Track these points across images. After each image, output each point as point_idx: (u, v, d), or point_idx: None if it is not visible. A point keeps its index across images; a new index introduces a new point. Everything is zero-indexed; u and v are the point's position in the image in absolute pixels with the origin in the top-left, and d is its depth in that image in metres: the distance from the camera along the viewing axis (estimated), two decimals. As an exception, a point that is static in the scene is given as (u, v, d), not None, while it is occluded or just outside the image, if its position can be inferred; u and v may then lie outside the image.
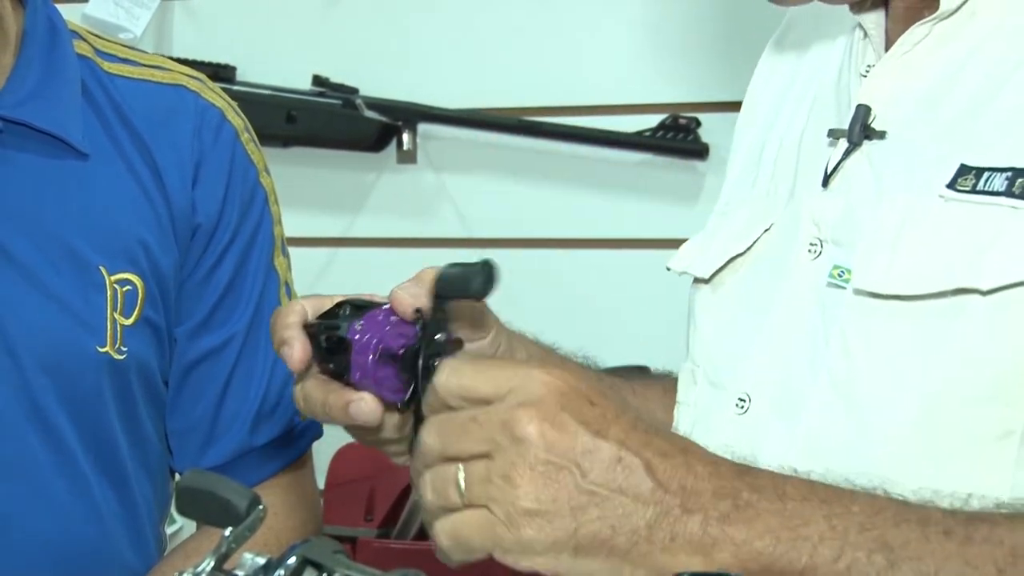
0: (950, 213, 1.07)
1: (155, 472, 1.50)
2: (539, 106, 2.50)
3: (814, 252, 1.16)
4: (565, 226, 2.50)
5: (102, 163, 1.43)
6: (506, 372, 0.93)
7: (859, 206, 1.14)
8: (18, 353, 1.37)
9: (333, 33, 2.55)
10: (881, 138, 1.15)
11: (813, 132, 1.23)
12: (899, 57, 1.17)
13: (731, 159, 1.37)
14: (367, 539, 2.34)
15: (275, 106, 2.48)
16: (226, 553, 0.91)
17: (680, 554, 0.90)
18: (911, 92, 1.15)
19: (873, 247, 1.10)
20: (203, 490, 0.93)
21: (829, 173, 1.17)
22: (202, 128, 1.47)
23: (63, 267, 1.39)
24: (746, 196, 1.28)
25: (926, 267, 1.07)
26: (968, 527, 0.92)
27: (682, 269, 1.31)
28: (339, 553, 0.90)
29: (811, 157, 1.21)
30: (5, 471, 1.38)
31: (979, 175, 1.07)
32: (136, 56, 1.51)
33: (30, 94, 1.40)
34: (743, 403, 1.17)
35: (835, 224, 1.15)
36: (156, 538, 1.52)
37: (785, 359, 1.15)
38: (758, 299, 1.20)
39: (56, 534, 1.40)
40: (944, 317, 1.06)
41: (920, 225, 1.08)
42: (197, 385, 1.49)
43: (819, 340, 1.13)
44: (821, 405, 1.11)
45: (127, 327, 1.42)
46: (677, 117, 2.41)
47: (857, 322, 1.10)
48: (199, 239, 1.47)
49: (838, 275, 1.13)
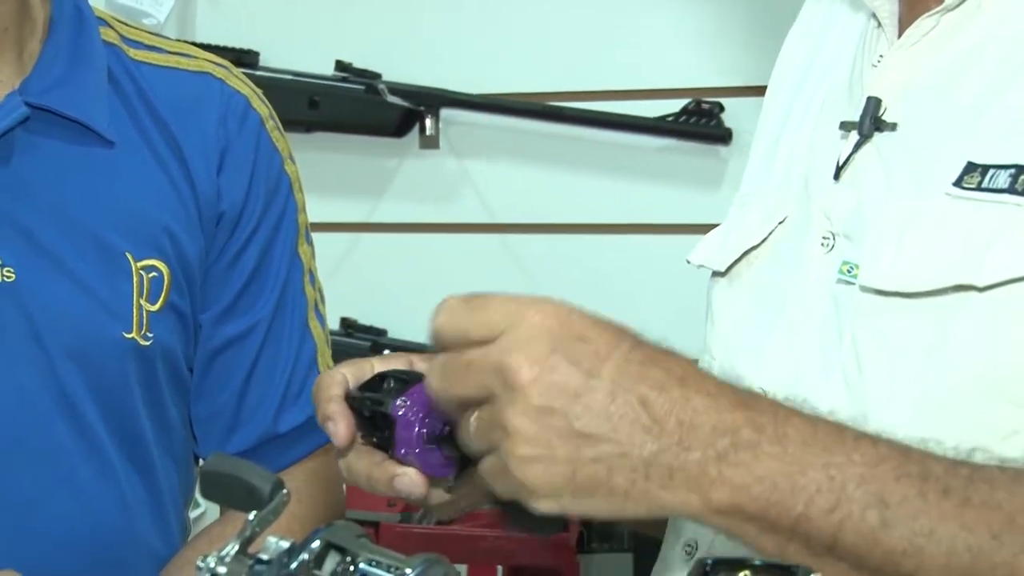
0: (956, 210, 1.07)
1: (180, 458, 1.50)
2: (561, 91, 2.50)
3: (827, 246, 1.16)
4: (587, 211, 2.50)
5: (128, 150, 1.43)
6: (498, 311, 0.91)
7: (869, 200, 1.14)
8: (44, 339, 1.38)
9: (356, 18, 2.55)
10: (892, 130, 1.14)
11: (827, 124, 1.23)
12: (907, 48, 1.16)
13: (754, 146, 1.37)
14: (390, 524, 2.35)
15: (298, 92, 2.49)
16: (250, 537, 0.91)
17: (679, 491, 0.88)
18: (919, 85, 1.15)
19: (879, 243, 1.10)
20: (227, 474, 0.93)
21: (840, 166, 1.17)
22: (227, 116, 1.48)
23: (89, 254, 1.40)
24: (763, 188, 1.28)
25: (928, 264, 1.06)
26: (968, 487, 0.90)
27: (700, 262, 1.31)
28: (362, 537, 0.91)
29: (824, 149, 1.20)
30: (31, 457, 1.38)
31: (984, 172, 1.06)
32: (162, 43, 1.52)
33: (57, 81, 1.41)
34: None
35: (846, 218, 1.15)
36: (180, 523, 1.53)
37: (799, 356, 1.15)
38: (773, 293, 1.20)
39: (82, 520, 1.40)
40: (944, 315, 1.05)
41: (925, 222, 1.08)
42: (222, 372, 1.50)
43: (832, 337, 1.13)
44: (833, 403, 1.09)
45: (153, 313, 1.42)
46: (700, 102, 2.41)
47: (864, 319, 1.10)
48: (224, 226, 1.47)
49: (847, 271, 1.13)
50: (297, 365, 1.51)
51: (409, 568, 0.87)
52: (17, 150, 1.39)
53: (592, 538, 2.40)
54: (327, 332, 1.58)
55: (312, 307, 1.54)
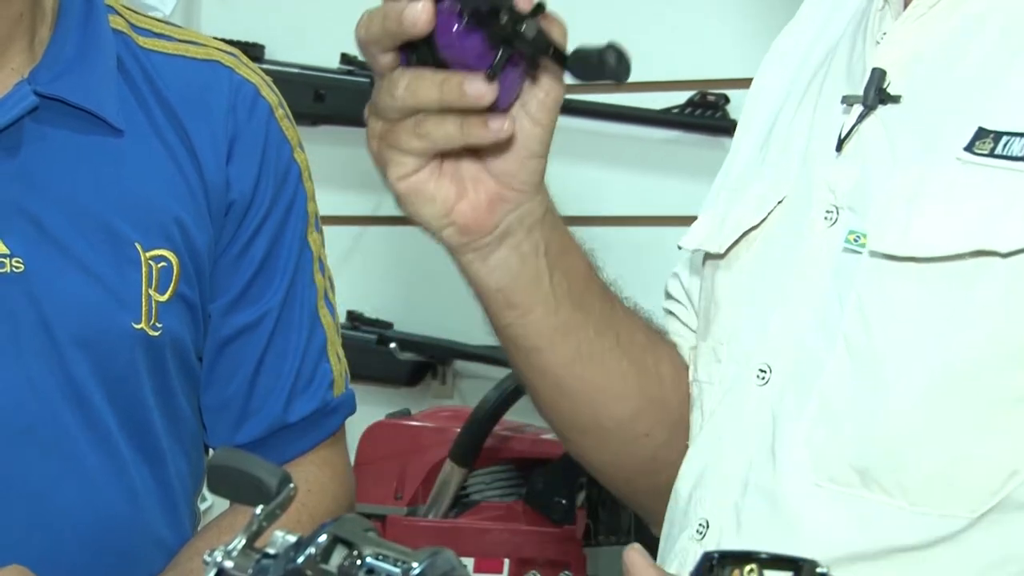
0: (967, 176, 1.07)
1: (189, 448, 1.50)
2: (566, 83, 2.50)
3: (830, 219, 1.16)
4: (593, 204, 2.50)
5: (137, 139, 1.43)
6: None
7: (874, 171, 1.14)
8: (54, 329, 1.37)
9: (362, 10, 2.54)
10: (896, 102, 1.15)
11: (826, 102, 1.23)
12: (915, 20, 1.16)
13: (738, 135, 1.37)
14: (396, 517, 2.35)
15: (303, 85, 2.49)
16: (257, 531, 0.91)
17: None
18: (926, 55, 1.15)
19: (888, 210, 1.10)
20: (234, 468, 0.93)
21: (843, 138, 1.17)
22: (237, 104, 1.47)
23: (99, 243, 1.40)
24: (758, 170, 1.28)
25: (943, 229, 1.07)
26: None
27: (695, 247, 1.31)
28: (370, 531, 0.90)
29: (824, 124, 1.21)
30: (40, 447, 1.38)
31: (997, 139, 1.07)
32: (171, 31, 1.51)
33: (66, 68, 1.40)
34: (764, 374, 1.17)
35: (850, 190, 1.15)
36: (190, 514, 1.52)
37: (800, 327, 1.15)
38: (774, 270, 1.20)
39: (90, 509, 1.40)
40: (962, 279, 1.06)
41: (937, 187, 1.08)
42: (231, 361, 1.49)
43: (833, 306, 1.13)
44: (837, 371, 1.11)
45: (162, 303, 1.42)
46: (705, 94, 2.41)
47: (873, 286, 1.10)
48: (233, 215, 1.47)
49: (853, 240, 1.13)
50: (307, 355, 1.51)
51: (415, 561, 0.87)
52: (26, 139, 1.39)
53: (598, 531, 2.40)
54: (337, 321, 1.57)
55: (322, 296, 1.54)
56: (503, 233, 1.16)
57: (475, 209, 1.15)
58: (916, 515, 1.07)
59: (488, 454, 2.37)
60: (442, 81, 1.05)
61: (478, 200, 1.14)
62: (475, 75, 1.04)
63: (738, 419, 1.18)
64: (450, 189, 1.14)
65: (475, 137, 1.08)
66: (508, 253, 1.18)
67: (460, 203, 1.14)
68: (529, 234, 1.17)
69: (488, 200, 1.15)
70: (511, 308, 1.21)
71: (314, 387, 1.52)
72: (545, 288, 1.20)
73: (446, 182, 1.13)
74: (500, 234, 1.16)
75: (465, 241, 1.16)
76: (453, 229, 1.15)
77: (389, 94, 1.07)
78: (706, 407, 1.24)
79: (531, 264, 1.19)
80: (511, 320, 1.22)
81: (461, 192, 1.14)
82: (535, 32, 1.03)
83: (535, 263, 1.19)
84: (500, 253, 1.17)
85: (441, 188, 1.13)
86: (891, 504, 1.08)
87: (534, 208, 1.17)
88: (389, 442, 2.38)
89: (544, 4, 1.05)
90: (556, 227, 1.20)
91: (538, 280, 1.20)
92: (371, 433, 2.39)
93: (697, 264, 1.34)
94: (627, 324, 1.28)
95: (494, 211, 1.15)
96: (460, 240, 1.16)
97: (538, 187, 1.16)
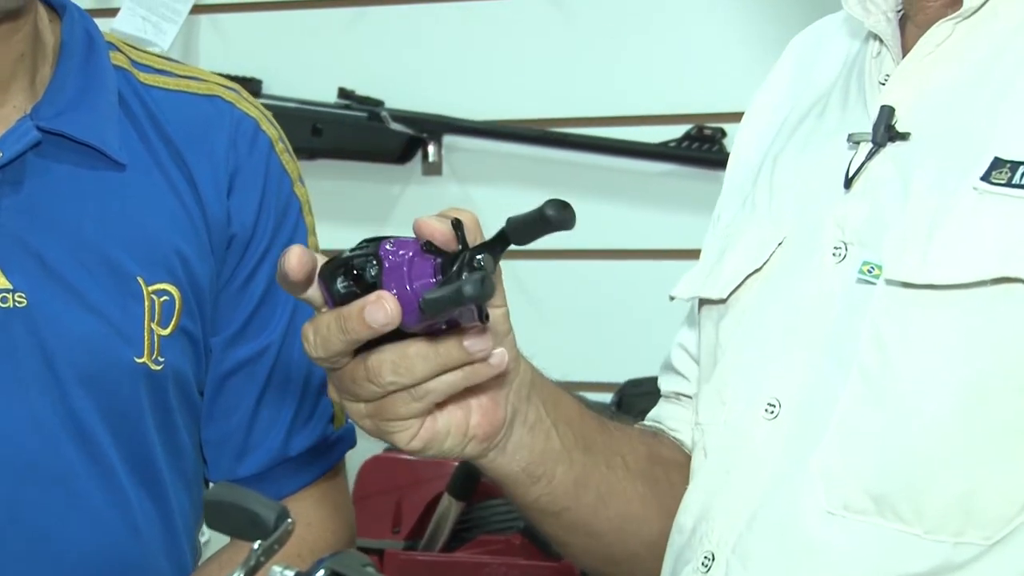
0: (986, 205, 1.08)
1: (191, 482, 1.50)
2: (563, 117, 2.51)
3: (838, 255, 1.17)
4: (590, 237, 2.50)
5: (139, 173, 1.43)
6: None
7: (887, 204, 1.14)
8: (56, 364, 1.38)
9: (358, 46, 2.56)
10: (904, 139, 1.15)
11: (821, 145, 1.24)
12: (921, 59, 1.17)
13: (728, 176, 1.38)
14: (394, 551, 2.35)
15: (301, 119, 2.49)
16: (255, 567, 0.91)
17: None
18: (936, 92, 1.16)
19: (905, 239, 1.10)
20: (231, 504, 0.93)
21: (852, 176, 1.17)
22: (237, 138, 1.48)
23: (101, 277, 1.40)
24: (749, 217, 1.28)
25: (964, 257, 1.07)
26: None
27: (691, 295, 1.31)
28: (367, 566, 0.91)
29: (828, 165, 1.21)
30: (44, 482, 1.38)
31: (1015, 168, 1.08)
32: (172, 67, 1.52)
33: (68, 105, 1.41)
34: (773, 408, 1.17)
35: (860, 225, 1.16)
36: (191, 547, 1.52)
37: (812, 360, 1.15)
38: (779, 309, 1.20)
39: (94, 544, 1.40)
40: (983, 306, 1.06)
41: (955, 216, 1.09)
42: (232, 395, 1.50)
43: (845, 337, 1.13)
44: (852, 401, 1.11)
45: (164, 338, 1.42)
46: (702, 128, 2.41)
47: (889, 315, 1.10)
48: (235, 249, 1.47)
49: (867, 271, 1.13)
50: (307, 388, 1.51)
51: (411, 598, 0.87)
52: (29, 174, 1.39)
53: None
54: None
55: (323, 329, 1.54)
56: (511, 418, 1.15)
57: (486, 415, 1.12)
58: (931, 542, 1.08)
59: (485, 488, 2.36)
60: (436, 352, 1.01)
61: (483, 405, 1.12)
62: (474, 333, 1.00)
63: (745, 454, 1.18)
64: (457, 414, 1.11)
65: (482, 376, 1.06)
66: (521, 432, 1.16)
67: (472, 419, 1.12)
68: (530, 402, 1.16)
69: (490, 399, 1.12)
70: (536, 482, 1.20)
71: (315, 421, 1.52)
72: (557, 447, 1.19)
73: (451, 411, 1.10)
74: (509, 421, 1.15)
75: (486, 446, 1.14)
76: (475, 443, 1.12)
77: (368, 381, 1.03)
78: (709, 446, 1.24)
79: (540, 431, 1.18)
80: (539, 493, 1.21)
81: (467, 410, 1.11)
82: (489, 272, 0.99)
83: (543, 428, 1.18)
84: (515, 436, 1.16)
85: (452, 420, 1.10)
86: (906, 531, 1.08)
87: (523, 377, 1.15)
88: (387, 476, 2.38)
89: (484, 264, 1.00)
90: (543, 382, 1.19)
91: (550, 442, 1.19)
92: (369, 467, 2.39)
93: (694, 316, 1.34)
94: (627, 443, 1.28)
95: (499, 405, 1.13)
96: (484, 447, 1.14)
97: (517, 361, 1.13)
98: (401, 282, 0.98)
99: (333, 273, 1.01)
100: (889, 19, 1.21)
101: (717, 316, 1.27)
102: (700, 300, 1.30)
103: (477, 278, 0.94)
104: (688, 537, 1.21)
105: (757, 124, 1.36)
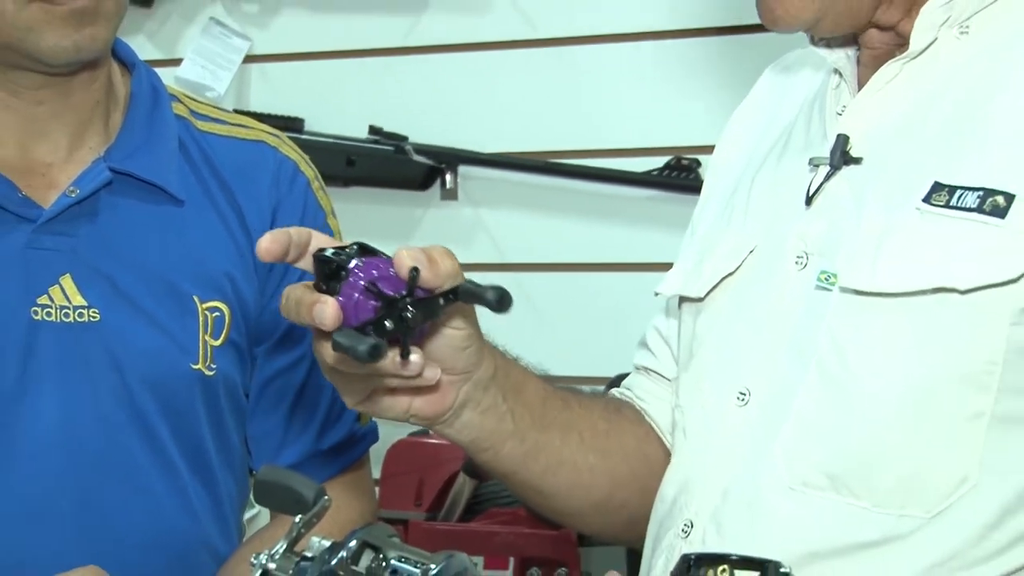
0: (926, 223, 1.08)
1: (237, 471, 1.50)
2: (562, 150, 2.51)
3: (800, 263, 1.16)
4: (585, 252, 2.51)
5: (195, 208, 1.44)
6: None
7: (841, 221, 1.14)
8: (124, 370, 1.38)
9: (386, 90, 2.56)
10: (858, 163, 1.15)
11: (787, 167, 1.23)
12: (873, 94, 1.17)
13: (700, 203, 1.37)
14: (417, 521, 2.35)
15: (337, 152, 2.50)
16: (297, 537, 0.91)
17: None
18: (886, 124, 1.16)
19: (857, 252, 1.10)
20: (277, 483, 0.94)
21: (811, 194, 1.17)
22: (279, 178, 1.49)
23: (162, 297, 1.40)
24: (726, 227, 1.28)
25: (907, 269, 1.07)
26: None
27: (673, 293, 1.30)
28: (393, 537, 0.91)
29: (791, 184, 1.21)
30: (112, 472, 1.39)
31: (952, 192, 1.07)
32: (224, 116, 1.53)
33: (136, 149, 1.42)
34: (743, 396, 1.17)
35: (819, 237, 1.16)
36: (237, 526, 1.53)
37: (777, 356, 1.15)
38: (749, 309, 1.20)
39: (156, 525, 1.41)
40: (924, 312, 1.06)
41: (900, 233, 1.09)
42: (272, 397, 1.50)
43: (806, 336, 1.13)
44: (811, 394, 1.11)
45: (216, 348, 1.43)
46: (680, 158, 2.41)
47: (844, 318, 1.10)
48: (276, 272, 1.47)
49: (825, 279, 1.13)
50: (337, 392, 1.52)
51: (433, 564, 0.88)
52: (102, 209, 1.40)
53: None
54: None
55: (352, 340, 1.54)
56: (461, 404, 1.14)
57: (429, 402, 1.11)
58: (878, 514, 1.08)
59: (495, 468, 2.36)
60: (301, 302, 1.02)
61: (430, 393, 1.11)
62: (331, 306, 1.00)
63: (719, 436, 1.18)
64: (401, 399, 1.11)
65: (409, 384, 1.07)
66: (471, 415, 1.15)
67: (415, 401, 1.11)
68: (486, 392, 1.15)
69: (439, 391, 1.11)
70: (484, 452, 1.19)
71: (343, 419, 1.52)
72: (509, 428, 1.18)
73: (396, 394, 1.10)
74: (459, 406, 1.13)
75: (429, 423, 1.14)
76: (416, 419, 1.12)
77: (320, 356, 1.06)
78: (688, 428, 1.23)
79: (494, 415, 1.16)
80: (486, 459, 1.20)
81: (412, 395, 1.11)
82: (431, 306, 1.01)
83: (496, 412, 1.16)
84: (464, 417, 1.15)
85: (394, 402, 1.10)
86: (856, 505, 1.08)
87: (482, 374, 1.13)
88: (411, 457, 2.38)
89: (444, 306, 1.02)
90: (509, 373, 1.17)
91: (502, 424, 1.17)
92: (395, 449, 2.39)
93: (673, 309, 1.34)
94: (586, 420, 1.26)
95: (446, 396, 1.12)
96: (425, 423, 1.14)
97: (479, 363, 1.12)
98: (348, 301, 1.01)
99: (322, 262, 1.04)
100: (849, 56, 1.21)
101: (695, 312, 1.27)
102: (680, 297, 1.30)
103: (369, 343, 0.95)
104: (670, 507, 1.21)
105: (730, 150, 1.36)
